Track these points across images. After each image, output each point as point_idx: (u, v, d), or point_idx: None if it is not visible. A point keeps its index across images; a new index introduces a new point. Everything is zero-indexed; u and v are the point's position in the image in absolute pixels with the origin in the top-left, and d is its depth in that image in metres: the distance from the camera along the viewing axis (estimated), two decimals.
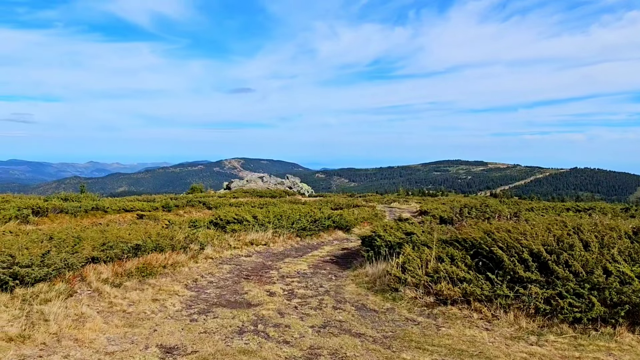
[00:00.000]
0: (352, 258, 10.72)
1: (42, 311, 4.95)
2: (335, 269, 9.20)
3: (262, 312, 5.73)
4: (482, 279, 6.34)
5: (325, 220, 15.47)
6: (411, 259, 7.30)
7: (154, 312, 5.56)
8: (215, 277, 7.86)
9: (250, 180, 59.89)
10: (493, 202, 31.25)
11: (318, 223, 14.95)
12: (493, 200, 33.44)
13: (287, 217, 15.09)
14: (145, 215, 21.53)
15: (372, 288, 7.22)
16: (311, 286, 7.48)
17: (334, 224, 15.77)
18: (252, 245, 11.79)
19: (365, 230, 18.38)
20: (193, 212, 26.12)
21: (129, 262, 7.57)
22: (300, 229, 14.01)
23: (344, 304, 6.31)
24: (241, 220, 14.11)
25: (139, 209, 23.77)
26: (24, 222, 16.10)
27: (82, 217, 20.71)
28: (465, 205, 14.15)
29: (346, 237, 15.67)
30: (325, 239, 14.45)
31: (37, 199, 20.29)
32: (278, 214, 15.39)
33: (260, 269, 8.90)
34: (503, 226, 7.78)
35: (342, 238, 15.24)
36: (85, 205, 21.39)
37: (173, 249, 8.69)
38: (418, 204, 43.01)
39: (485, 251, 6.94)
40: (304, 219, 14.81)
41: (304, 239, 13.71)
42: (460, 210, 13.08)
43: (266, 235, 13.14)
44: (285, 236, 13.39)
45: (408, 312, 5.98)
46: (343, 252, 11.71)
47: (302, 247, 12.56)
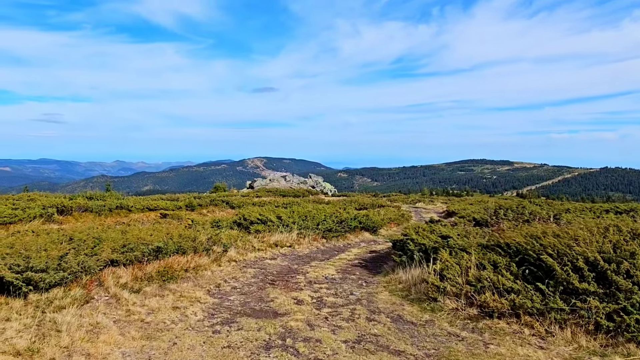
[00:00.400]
0: (381, 262, 10.17)
1: (55, 320, 4.59)
2: (365, 274, 8.67)
3: (290, 324, 5.25)
4: (532, 289, 5.72)
5: (352, 221, 14.94)
6: (449, 265, 6.72)
7: (174, 322, 5.15)
8: (239, 282, 7.43)
9: (273, 180, 59.80)
10: (524, 202, 30.17)
11: (344, 224, 14.44)
12: (524, 201, 32.31)
13: (312, 217, 14.63)
14: (168, 215, 21.41)
15: (407, 297, 6.67)
16: (341, 293, 6.97)
17: (361, 225, 15.24)
18: (277, 247, 11.36)
19: (392, 232, 17.80)
20: (216, 211, 25.96)
21: (150, 265, 7.21)
22: (325, 230, 13.53)
23: (379, 315, 5.79)
24: (265, 220, 13.72)
25: (163, 208, 23.71)
26: (49, 220, 16.07)
27: (106, 216, 20.70)
28: (499, 206, 13.42)
29: (373, 238, 15.11)
30: (351, 240, 13.92)
31: (62, 197, 20.36)
32: (303, 214, 14.94)
33: (286, 273, 8.44)
34: (551, 230, 7.12)
35: (369, 240, 14.69)
36: (109, 204, 21.38)
37: (195, 251, 8.32)
38: (444, 204, 42.10)
39: (533, 258, 6.31)
40: (329, 220, 14.32)
41: (329, 241, 13.23)
42: (495, 211, 12.38)
43: (291, 236, 12.71)
44: (311, 237, 12.93)
45: (450, 325, 5.42)
46: (372, 255, 11.17)
47: (328, 250, 12.07)
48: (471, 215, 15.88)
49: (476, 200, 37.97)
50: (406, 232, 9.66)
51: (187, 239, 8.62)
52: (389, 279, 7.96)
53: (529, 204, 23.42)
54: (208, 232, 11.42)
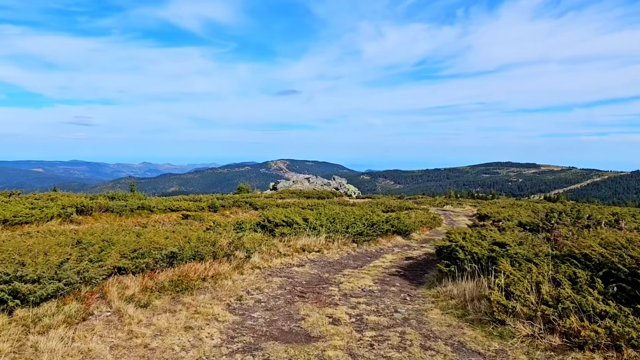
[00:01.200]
0: (421, 270, 9.06)
1: (37, 345, 3.67)
2: (407, 286, 7.57)
3: (327, 354, 4.22)
4: (630, 313, 4.56)
5: (383, 224, 13.83)
6: (516, 280, 5.58)
7: (184, 347, 4.18)
8: (264, 294, 6.44)
9: (297, 181, 59.00)
10: (578, 206, 28.42)
11: (375, 227, 13.34)
12: (576, 204, 30.52)
13: (341, 220, 13.59)
14: (190, 216, 20.70)
15: (465, 317, 5.55)
16: (383, 310, 5.90)
17: (393, 229, 14.11)
18: (304, 252, 10.35)
19: (425, 236, 16.62)
20: (239, 212, 25.18)
21: (163, 274, 6.30)
22: (356, 234, 12.46)
23: (435, 341, 4.70)
24: (291, 223, 12.74)
25: (185, 209, 23.04)
26: (67, 220, 15.47)
27: (127, 216, 20.11)
28: (550, 209, 12.10)
29: (406, 243, 13.97)
30: (383, 245, 12.82)
31: (83, 197, 19.84)
32: (331, 216, 13.92)
33: (316, 283, 7.42)
34: (637, 238, 5.90)
35: (401, 244, 13.56)
36: (131, 205, 20.79)
37: (215, 257, 7.38)
38: (473, 207, 40.45)
39: (624, 273, 5.12)
40: (359, 223, 13.25)
41: (360, 245, 12.15)
42: (546, 215, 11.09)
43: (319, 240, 11.70)
44: (340, 242, 11.88)
45: (528, 358, 4.29)
46: (409, 263, 10.06)
47: (360, 255, 11.00)
48: (515, 219, 14.56)
49: (508, 204, 36.26)
50: (452, 237, 8.52)
51: (207, 243, 7.69)
52: (436, 293, 6.85)
53: (582, 207, 21.82)
54: (230, 236, 10.52)
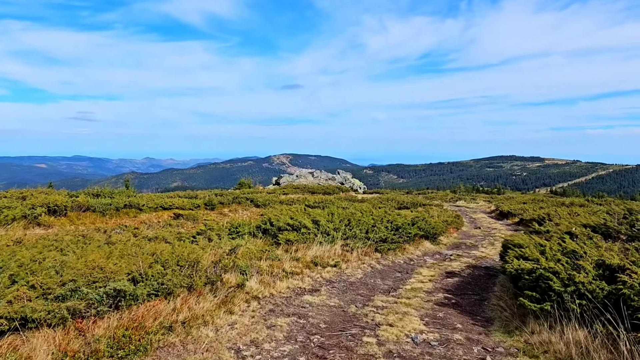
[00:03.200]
0: (475, 294, 6.71)
1: None
2: (472, 326, 5.19)
3: None
4: None
5: (409, 227, 11.44)
6: None
7: None
8: (263, 356, 4.08)
9: (300, 176, 56.61)
10: (579, 200, 25.95)
11: (402, 232, 10.96)
12: (578, 199, 28.06)
13: (357, 221, 11.22)
14: (183, 215, 18.36)
15: None
16: None
17: (421, 233, 11.71)
18: (317, 268, 7.99)
19: (454, 239, 14.24)
20: (239, 210, 22.84)
21: (102, 323, 3.95)
22: (379, 241, 10.08)
23: None
24: (298, 227, 10.38)
25: (179, 207, 20.69)
26: (33, 223, 13.15)
27: (111, 216, 17.78)
28: (629, 209, 9.67)
29: (436, 249, 11.59)
30: (411, 254, 10.44)
31: (58, 194, 17.49)
32: (345, 217, 11.55)
33: (341, 326, 5.04)
34: None
35: (431, 252, 11.18)
36: (116, 203, 18.45)
37: (191, 289, 5.02)
38: (488, 203, 37.95)
39: None
40: (381, 226, 10.87)
41: (385, 255, 9.77)
42: (624, 216, 8.70)
43: (334, 249, 9.33)
44: (360, 251, 9.51)
45: None
46: (454, 282, 7.69)
47: (387, 270, 8.63)
48: (566, 220, 12.11)
49: (529, 199, 33.79)
50: (527, 253, 6.12)
51: (181, 267, 5.32)
52: (524, 344, 4.48)
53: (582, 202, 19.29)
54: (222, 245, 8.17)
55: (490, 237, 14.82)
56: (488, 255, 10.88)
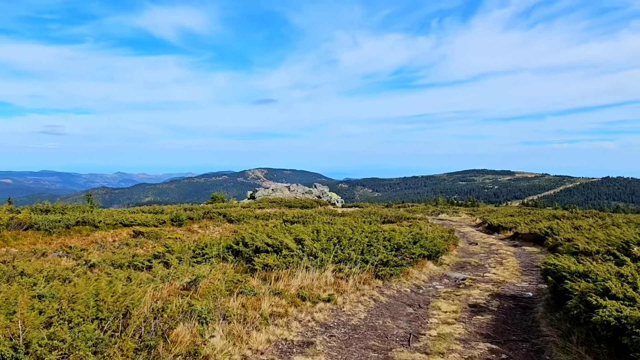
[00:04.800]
0: (523, 341, 4.90)
1: None
2: None
3: None
4: None
5: (411, 245, 9.60)
6: None
7: None
8: None
9: (276, 189, 54.43)
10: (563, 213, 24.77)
11: (404, 252, 9.10)
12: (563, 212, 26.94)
13: (349, 239, 9.34)
14: (144, 233, 16.10)
15: None
16: None
17: (424, 252, 9.87)
18: (305, 304, 6.04)
19: (455, 258, 12.47)
20: (210, 226, 20.65)
21: None
22: (379, 264, 8.19)
23: None
24: (278, 247, 8.42)
25: (141, 223, 18.40)
26: None
27: (59, 234, 15.38)
28: None
29: (442, 272, 9.77)
30: (417, 279, 8.58)
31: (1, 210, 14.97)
32: (334, 235, 9.65)
33: None
34: None
35: (438, 275, 9.36)
36: (67, 219, 16.08)
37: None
38: (470, 216, 36.67)
39: None
40: (379, 245, 8.98)
41: (387, 282, 7.87)
42: None
43: (324, 276, 7.40)
44: (357, 278, 7.60)
45: None
46: (487, 322, 5.85)
47: (394, 303, 6.75)
48: (592, 236, 10.47)
49: (516, 212, 32.58)
50: (612, 288, 4.34)
51: (99, 323, 3.32)
52: None
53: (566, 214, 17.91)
54: (178, 278, 6.22)
55: (493, 254, 13.13)
56: (505, 279, 9.13)
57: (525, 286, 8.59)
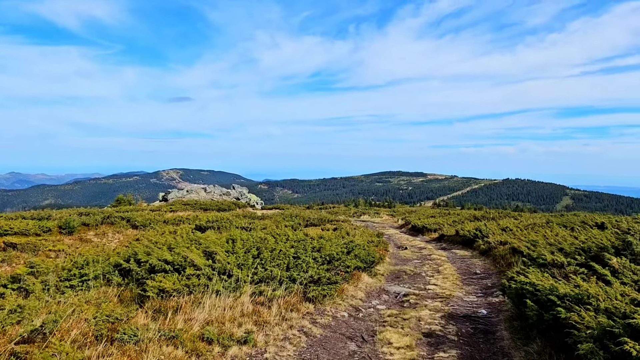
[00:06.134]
0: None
1: None
2: None
3: None
4: None
5: (345, 256, 8.15)
6: None
7: None
8: None
9: (191, 191, 51.09)
10: (494, 212, 25.19)
11: (337, 264, 7.62)
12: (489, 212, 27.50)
13: (272, 250, 7.70)
14: (16, 245, 13.16)
15: None
16: None
17: (359, 263, 8.46)
18: (212, 350, 4.31)
19: (389, 267, 11.30)
20: (109, 233, 17.86)
21: None
22: (309, 283, 6.62)
23: None
24: (181, 265, 6.55)
25: (21, 232, 15.27)
26: None
27: None
28: (628, 227, 7.36)
29: (377, 285, 8.45)
30: (353, 297, 7.14)
31: None
32: (253, 245, 7.96)
33: None
34: None
35: (375, 290, 8.02)
36: None
37: None
38: (391, 217, 36.64)
39: None
40: (307, 257, 7.42)
41: (320, 306, 6.33)
42: (622, 233, 6.32)
43: (239, 303, 5.69)
44: (282, 302, 5.97)
45: None
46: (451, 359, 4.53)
47: (331, 337, 5.22)
48: (530, 239, 9.73)
49: (437, 212, 32.83)
50: None
51: None
52: None
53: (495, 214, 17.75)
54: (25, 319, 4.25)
55: (427, 260, 12.17)
56: (450, 292, 7.99)
57: (474, 300, 7.51)
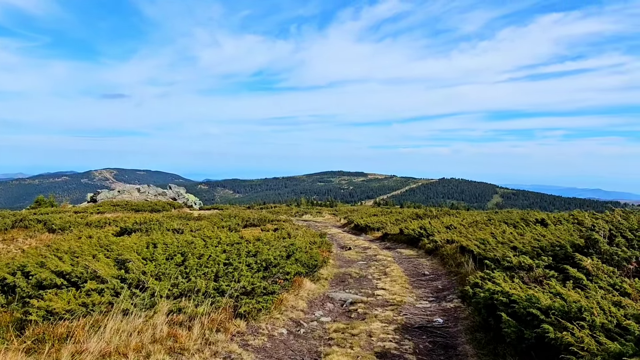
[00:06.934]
0: None
1: None
2: None
3: None
4: None
5: (284, 261, 7.16)
6: None
7: None
8: None
9: (123, 191, 47.96)
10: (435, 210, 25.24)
11: (276, 271, 6.62)
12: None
13: (200, 257, 6.59)
14: None
15: None
16: None
17: (300, 268, 7.51)
18: None
19: (333, 269, 10.45)
20: (20, 238, 15.76)
21: None
22: (240, 295, 5.58)
23: None
24: (80, 278, 5.30)
25: None
26: None
27: None
28: (592, 224, 6.86)
29: (323, 291, 7.56)
30: (295, 309, 6.19)
31: None
32: (177, 250, 6.80)
33: None
34: None
35: (319, 297, 7.12)
36: None
37: None
38: (333, 216, 36.14)
39: None
40: (240, 264, 6.37)
41: (253, 323, 5.30)
42: (610, 234, 5.87)
43: (151, 325, 4.56)
44: (206, 321, 4.90)
45: None
46: None
47: None
48: (477, 237, 9.22)
49: (379, 211, 32.60)
50: None
51: None
52: None
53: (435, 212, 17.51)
54: None
55: (373, 261, 11.46)
56: (401, 298, 7.24)
57: (427, 307, 6.79)
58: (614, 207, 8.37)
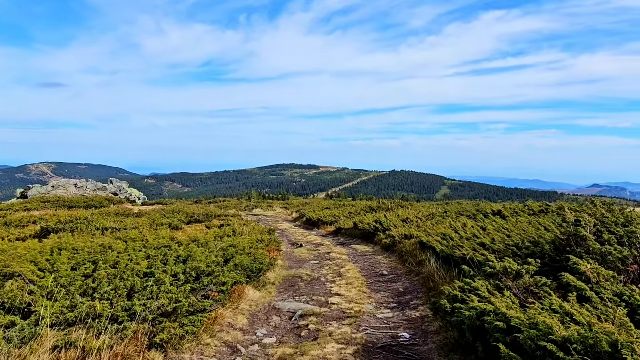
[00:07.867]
0: None
1: None
2: None
3: None
4: None
5: (221, 268, 5.96)
6: None
7: None
8: None
9: (58, 186, 44.52)
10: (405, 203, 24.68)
11: (209, 281, 5.40)
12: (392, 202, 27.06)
13: (114, 264, 5.29)
14: None
15: None
16: None
17: (240, 275, 6.34)
18: None
19: (281, 272, 9.31)
20: None
21: None
22: (158, 316, 4.36)
23: None
24: None
25: None
26: None
27: None
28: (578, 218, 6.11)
29: (268, 300, 6.45)
30: (232, 329, 5.03)
31: None
32: (88, 258, 5.46)
33: None
34: None
35: (263, 309, 6.00)
36: None
37: None
38: (285, 209, 35.01)
39: None
40: (164, 275, 5.13)
41: (174, 355, 4.12)
42: (595, 228, 5.13)
43: None
44: (107, 357, 3.68)
45: None
46: None
47: None
48: (436, 232, 8.39)
49: (332, 204, 31.76)
50: None
51: None
52: None
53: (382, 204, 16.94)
54: None
55: (326, 260, 10.45)
56: (359, 307, 6.23)
57: (390, 317, 5.82)
58: (555, 198, 7.79)
